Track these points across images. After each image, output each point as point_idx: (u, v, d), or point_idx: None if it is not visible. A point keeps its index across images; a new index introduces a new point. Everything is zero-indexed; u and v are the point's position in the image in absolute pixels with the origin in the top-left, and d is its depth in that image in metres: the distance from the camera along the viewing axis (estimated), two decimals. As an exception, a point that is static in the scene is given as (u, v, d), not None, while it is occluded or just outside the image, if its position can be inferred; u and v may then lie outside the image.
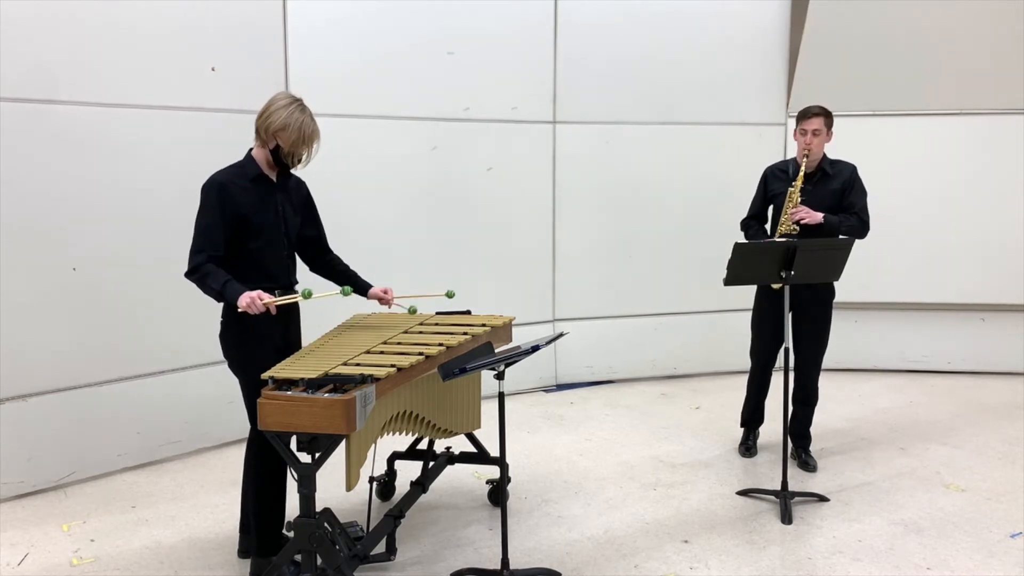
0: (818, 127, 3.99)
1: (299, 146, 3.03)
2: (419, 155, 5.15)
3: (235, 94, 4.46)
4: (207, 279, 2.95)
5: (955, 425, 4.89)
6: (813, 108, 4.04)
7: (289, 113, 2.98)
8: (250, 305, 2.87)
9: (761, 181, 4.30)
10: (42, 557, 3.34)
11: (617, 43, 5.55)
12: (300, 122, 2.99)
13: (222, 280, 2.94)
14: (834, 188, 4.06)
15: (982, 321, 5.97)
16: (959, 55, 5.64)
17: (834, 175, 4.07)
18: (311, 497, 2.73)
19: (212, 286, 2.94)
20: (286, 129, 2.98)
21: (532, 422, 5.02)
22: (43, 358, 3.94)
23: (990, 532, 3.49)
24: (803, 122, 4.02)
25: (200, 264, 2.96)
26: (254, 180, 3.06)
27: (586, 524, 3.59)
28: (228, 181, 3.01)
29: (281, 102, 3.01)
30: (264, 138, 3.03)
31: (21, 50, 3.76)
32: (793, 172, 4.11)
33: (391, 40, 4.97)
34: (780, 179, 4.18)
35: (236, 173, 3.05)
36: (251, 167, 3.08)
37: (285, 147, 3.02)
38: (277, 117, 2.98)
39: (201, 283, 2.97)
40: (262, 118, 3.02)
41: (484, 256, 5.41)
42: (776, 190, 4.17)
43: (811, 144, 3.99)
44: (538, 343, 2.91)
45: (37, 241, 3.88)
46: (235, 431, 4.48)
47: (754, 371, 4.39)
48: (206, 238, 2.97)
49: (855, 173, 4.10)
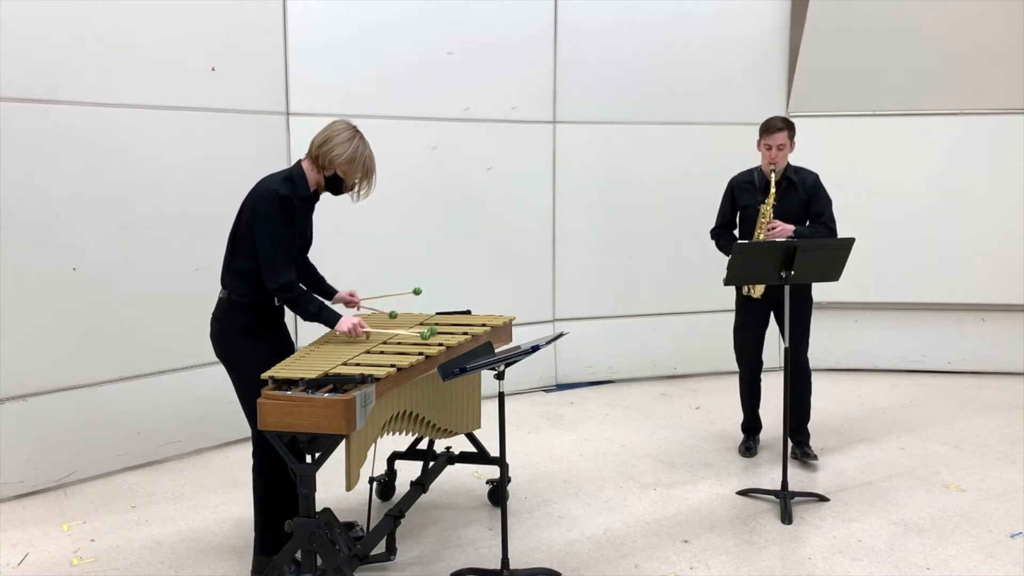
0: (783, 142, 4.02)
1: (363, 180, 3.05)
2: (419, 155, 5.15)
3: (235, 94, 4.46)
4: (300, 300, 2.98)
5: (955, 425, 4.88)
6: (776, 122, 4.05)
7: (355, 148, 2.98)
8: (352, 331, 3.03)
9: (728, 192, 4.29)
10: (42, 557, 3.34)
11: (617, 43, 5.55)
12: (365, 157, 3.02)
13: (317, 303, 3.02)
14: (800, 197, 4.10)
15: (982, 321, 5.97)
16: (959, 55, 5.64)
17: (799, 183, 4.10)
18: (311, 497, 2.73)
19: (308, 308, 2.99)
20: (352, 163, 2.99)
21: (532, 422, 5.02)
22: (43, 358, 3.94)
23: (990, 532, 3.49)
24: (768, 136, 4.03)
25: (294, 282, 2.96)
26: (302, 199, 3.04)
27: (586, 524, 3.59)
28: (289, 196, 2.96)
29: (344, 134, 2.99)
30: (323, 165, 3.00)
31: (21, 50, 3.76)
32: (759, 182, 4.13)
33: (391, 40, 4.97)
34: (747, 190, 4.19)
35: (291, 189, 2.98)
36: (302, 186, 3.03)
37: (348, 180, 3.03)
38: (343, 151, 2.96)
39: (295, 302, 2.98)
40: (323, 148, 2.98)
41: (484, 256, 5.41)
42: (744, 201, 4.19)
43: (776, 158, 4.03)
44: (538, 343, 2.91)
45: (37, 241, 3.88)
46: (235, 431, 4.47)
47: (743, 377, 4.41)
48: (288, 253, 2.95)
49: (818, 181, 4.14)
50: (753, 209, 4.12)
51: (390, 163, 5.01)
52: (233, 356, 3.05)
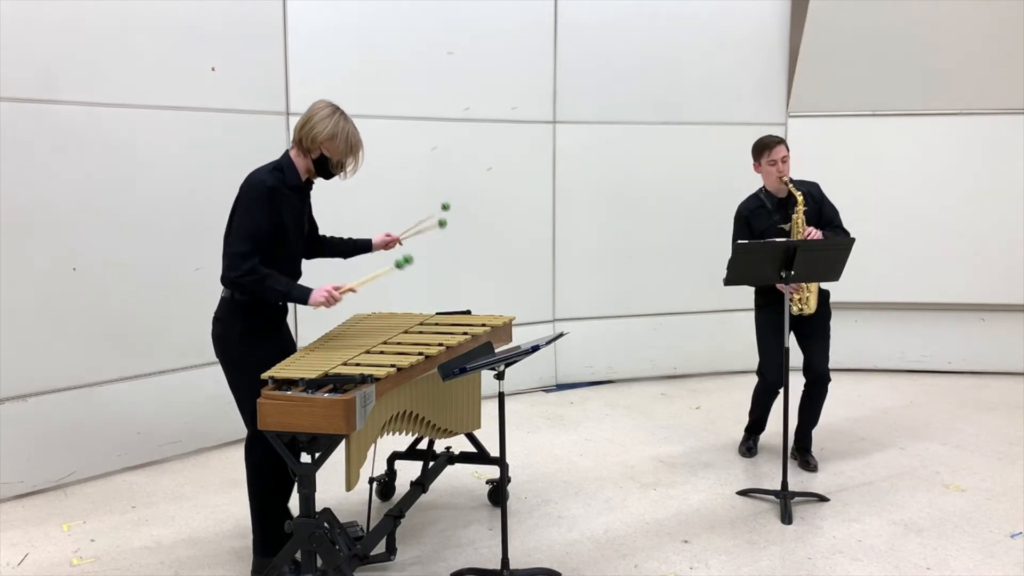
0: (786, 153, 4.03)
1: (347, 155, 3.03)
2: (419, 155, 5.15)
3: (235, 94, 4.47)
4: (267, 280, 2.91)
5: (955, 425, 4.88)
6: (772, 138, 4.07)
7: (335, 123, 2.96)
8: (328, 299, 2.93)
9: (741, 223, 4.15)
10: (42, 557, 3.34)
11: (617, 43, 5.55)
12: (347, 131, 2.99)
13: (285, 281, 2.95)
14: (812, 207, 4.07)
15: (982, 321, 5.97)
16: (959, 55, 5.64)
17: (805, 194, 4.06)
18: (311, 497, 2.73)
19: (277, 288, 2.92)
20: (334, 139, 2.97)
21: (532, 422, 5.02)
22: (43, 358, 3.94)
23: (990, 532, 3.49)
24: (771, 152, 4.00)
25: (255, 267, 2.91)
26: (292, 188, 3.03)
27: (586, 524, 3.59)
28: (276, 186, 2.96)
29: (324, 111, 2.98)
30: (307, 147, 3.00)
31: (21, 50, 3.76)
32: (771, 203, 4.09)
33: (391, 40, 4.97)
34: (760, 215, 4.11)
35: (279, 179, 2.99)
36: (292, 175, 3.03)
37: (333, 158, 3.01)
38: (323, 127, 2.95)
39: (259, 284, 2.91)
40: (305, 128, 2.98)
41: (484, 256, 5.41)
42: (762, 226, 4.09)
43: (784, 171, 4.02)
44: (538, 343, 2.91)
45: (37, 241, 3.88)
46: (235, 431, 4.46)
47: (766, 389, 4.23)
48: (256, 243, 2.92)
49: (822, 190, 4.14)
50: (772, 232, 4.04)
51: (390, 163, 5.06)
52: (234, 356, 3.04)
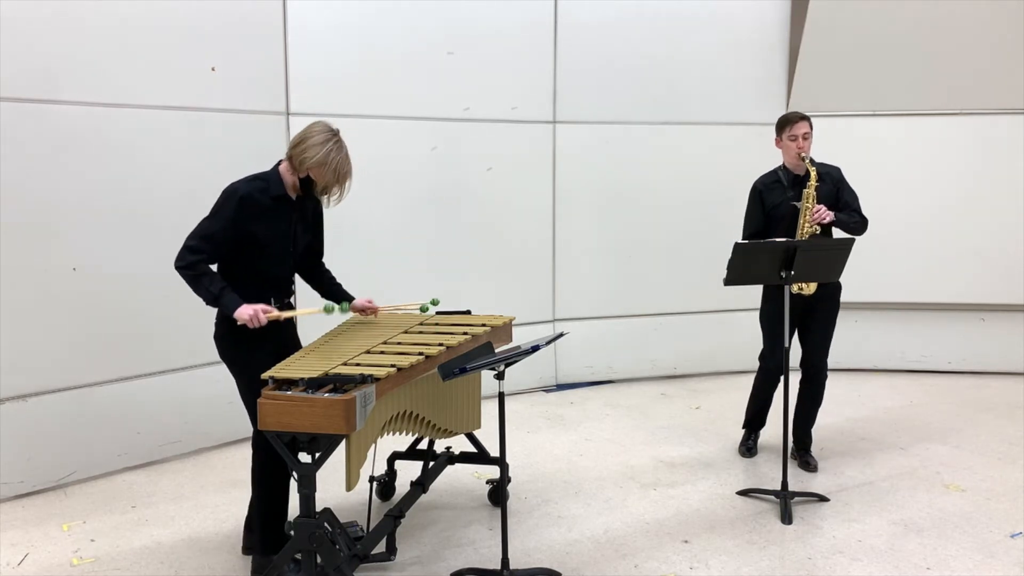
0: (807, 130, 4.04)
1: (332, 184, 3.00)
2: (419, 155, 5.15)
3: (235, 94, 4.46)
4: (203, 279, 2.91)
5: (955, 425, 4.88)
6: (794, 114, 4.07)
7: (326, 152, 2.94)
8: (252, 319, 2.87)
9: (755, 197, 4.18)
10: (42, 557, 3.34)
11: (617, 43, 5.55)
12: (336, 162, 2.96)
13: (219, 285, 2.92)
14: (829, 188, 4.07)
15: (982, 321, 5.97)
16: (959, 55, 5.64)
17: (824, 175, 4.07)
18: (311, 497, 2.73)
19: (209, 288, 2.91)
20: (322, 167, 2.95)
21: (532, 422, 5.02)
22: (43, 358, 3.94)
23: (990, 532, 3.49)
24: (792, 128, 4.01)
25: (197, 263, 2.92)
26: (275, 199, 3.02)
27: (586, 524, 3.59)
28: (249, 195, 2.95)
29: (318, 137, 2.96)
30: (295, 166, 2.99)
31: (21, 50, 3.76)
32: (787, 180, 4.10)
33: (391, 40, 4.97)
34: (775, 189, 4.12)
35: (259, 188, 2.99)
36: (275, 186, 3.03)
37: (319, 183, 2.99)
38: (314, 153, 2.93)
39: (194, 280, 2.92)
40: (297, 148, 2.97)
41: (484, 256, 5.41)
42: (775, 201, 4.11)
43: (804, 147, 4.02)
44: (538, 343, 2.91)
45: (37, 241, 3.88)
46: (235, 431, 4.48)
47: (767, 377, 4.29)
48: (208, 243, 2.93)
49: (841, 173, 4.14)
50: (785, 207, 4.06)
51: (390, 163, 5.06)
52: (236, 357, 3.05)
